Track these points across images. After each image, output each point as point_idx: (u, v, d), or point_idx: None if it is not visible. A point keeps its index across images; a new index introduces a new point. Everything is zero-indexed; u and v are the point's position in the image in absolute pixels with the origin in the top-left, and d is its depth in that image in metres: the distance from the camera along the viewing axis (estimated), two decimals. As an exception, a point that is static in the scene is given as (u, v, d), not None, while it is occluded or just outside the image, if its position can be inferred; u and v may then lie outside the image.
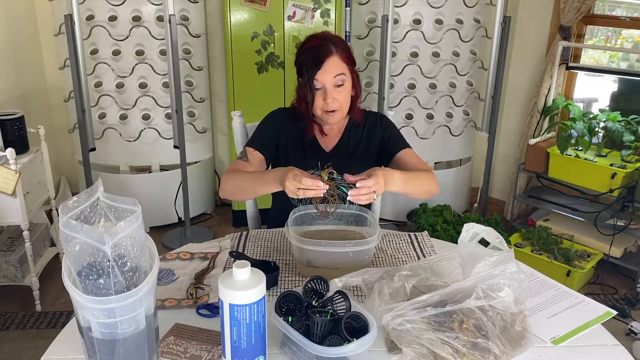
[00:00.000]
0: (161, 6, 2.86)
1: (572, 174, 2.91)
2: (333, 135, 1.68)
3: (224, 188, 1.52)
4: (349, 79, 1.55)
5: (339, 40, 1.55)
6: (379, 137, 1.67)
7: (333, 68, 1.50)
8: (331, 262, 1.29)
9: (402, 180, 1.39)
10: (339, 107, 1.54)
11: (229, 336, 0.92)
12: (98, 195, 0.90)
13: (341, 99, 1.53)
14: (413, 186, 1.45)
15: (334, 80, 1.51)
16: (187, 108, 3.19)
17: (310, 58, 1.51)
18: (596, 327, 1.15)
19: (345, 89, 1.54)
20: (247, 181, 1.49)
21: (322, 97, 1.52)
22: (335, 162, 1.61)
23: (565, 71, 3.26)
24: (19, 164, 2.31)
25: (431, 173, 1.53)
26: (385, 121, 1.70)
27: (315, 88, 1.52)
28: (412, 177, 1.46)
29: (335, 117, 1.56)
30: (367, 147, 1.67)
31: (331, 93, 1.51)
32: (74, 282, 0.84)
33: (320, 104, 1.53)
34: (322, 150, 1.66)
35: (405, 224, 3.39)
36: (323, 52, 1.50)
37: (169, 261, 1.40)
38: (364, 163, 1.65)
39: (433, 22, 3.08)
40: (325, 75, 1.50)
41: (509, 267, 1.05)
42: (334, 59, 1.50)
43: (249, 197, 1.64)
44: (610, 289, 2.80)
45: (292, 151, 1.66)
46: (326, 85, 1.51)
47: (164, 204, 3.29)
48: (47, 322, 2.45)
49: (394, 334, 1.01)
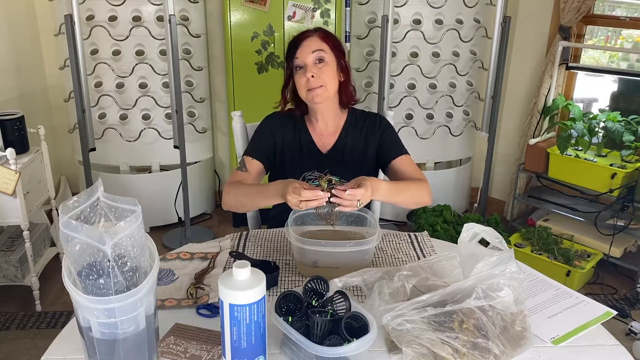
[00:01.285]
0: (161, 6, 2.86)
1: (572, 174, 2.91)
2: (329, 135, 1.66)
3: (227, 201, 1.55)
4: (332, 57, 1.56)
5: (322, 29, 1.60)
6: (377, 140, 1.66)
7: (312, 44, 1.54)
8: (331, 262, 1.29)
9: (388, 191, 1.41)
10: (321, 82, 1.53)
11: (229, 336, 0.92)
12: (98, 195, 0.90)
13: (323, 76, 1.53)
14: (399, 198, 1.47)
15: (313, 55, 1.53)
16: (187, 108, 3.19)
17: (292, 43, 1.57)
18: (596, 327, 1.15)
19: (327, 66, 1.54)
20: (249, 195, 1.51)
21: (304, 75, 1.53)
22: (332, 164, 1.61)
23: (565, 71, 3.26)
24: (19, 164, 2.31)
25: (424, 183, 1.53)
26: (384, 124, 1.69)
27: (297, 67, 1.55)
28: (400, 188, 1.49)
29: (321, 96, 1.55)
30: (365, 149, 1.66)
31: (311, 69, 1.52)
32: (74, 282, 0.84)
33: (303, 83, 1.54)
34: (318, 152, 1.66)
35: (405, 224, 3.39)
36: (302, 35, 1.57)
37: (169, 261, 1.40)
38: (362, 166, 1.65)
39: (433, 22, 3.08)
40: (303, 51, 1.53)
41: (509, 267, 1.05)
42: (313, 38, 1.55)
43: (251, 209, 1.69)
44: (610, 289, 2.80)
45: (289, 154, 1.65)
46: (306, 61, 1.53)
47: (164, 204, 3.29)
48: (47, 322, 2.45)
49: (394, 334, 1.01)
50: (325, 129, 1.66)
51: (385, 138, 1.66)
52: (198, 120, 3.29)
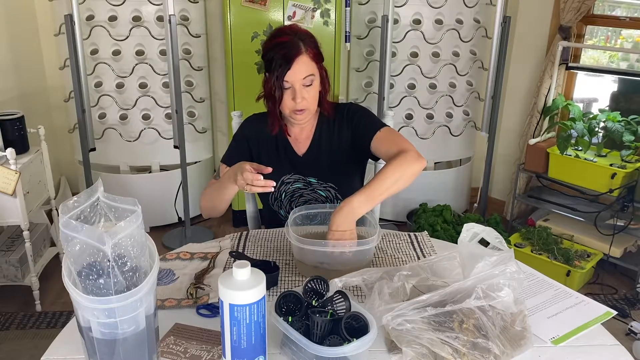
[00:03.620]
0: (161, 6, 2.86)
1: (572, 174, 2.91)
2: (305, 138, 1.63)
3: (201, 207, 1.58)
4: (318, 77, 1.52)
5: (308, 36, 1.50)
6: (349, 131, 1.60)
7: (302, 68, 1.46)
8: (331, 262, 1.29)
9: (365, 199, 1.30)
10: (307, 106, 1.50)
11: (229, 336, 0.92)
12: (98, 195, 0.90)
13: (309, 98, 1.50)
14: (385, 190, 1.33)
15: (303, 81, 1.47)
16: (187, 108, 3.19)
17: (280, 56, 1.45)
18: (596, 327, 1.15)
19: (313, 88, 1.51)
20: (214, 191, 1.52)
21: (291, 97, 1.48)
22: (309, 166, 1.61)
23: (565, 71, 3.26)
24: (19, 164, 2.31)
25: (405, 154, 1.37)
26: (352, 110, 1.61)
27: (284, 88, 1.48)
28: (377, 183, 1.33)
29: (303, 116, 1.53)
30: (339, 145, 1.61)
31: (300, 93, 1.47)
32: (74, 282, 0.84)
33: (289, 104, 1.50)
34: (295, 155, 1.63)
35: (405, 224, 3.39)
36: (293, 51, 1.45)
37: (169, 261, 1.40)
38: (342, 161, 1.62)
39: (433, 22, 3.08)
40: (295, 77, 1.46)
41: (509, 267, 1.05)
42: (304, 58, 1.46)
43: (221, 205, 1.54)
44: (610, 289, 2.80)
45: (266, 158, 1.62)
46: (295, 86, 1.47)
47: (164, 204, 3.29)
48: (47, 322, 2.45)
49: (394, 334, 1.01)
50: (300, 133, 1.64)
51: (356, 123, 1.58)
52: (198, 120, 3.29)
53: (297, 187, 1.63)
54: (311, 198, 1.63)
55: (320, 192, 1.63)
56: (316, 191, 1.63)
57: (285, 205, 1.65)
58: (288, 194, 1.63)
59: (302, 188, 1.63)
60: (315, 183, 1.62)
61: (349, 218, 1.29)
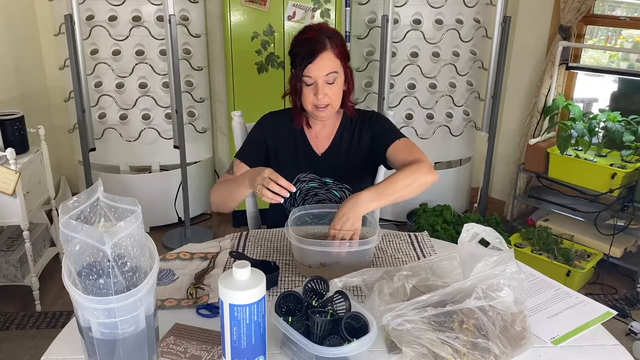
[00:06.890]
0: (161, 6, 2.86)
1: (572, 174, 2.91)
2: (325, 137, 1.64)
3: (212, 201, 1.57)
4: (342, 74, 1.51)
5: (334, 34, 1.51)
6: (369, 135, 1.62)
7: (326, 64, 1.46)
8: (331, 262, 1.29)
9: (375, 194, 1.32)
10: (329, 102, 1.50)
11: (229, 336, 0.92)
12: (98, 195, 0.90)
13: (332, 95, 1.50)
14: (396, 191, 1.34)
15: (326, 77, 1.47)
16: (187, 108, 3.19)
17: (304, 50, 1.47)
18: (596, 327, 1.15)
19: (337, 85, 1.50)
20: (227, 189, 1.51)
21: (313, 92, 1.49)
22: (327, 166, 1.61)
23: (565, 71, 3.26)
24: (19, 164, 2.31)
25: (420, 164, 1.40)
26: (375, 117, 1.64)
27: (306, 83, 1.49)
28: (387, 184, 1.35)
29: (326, 113, 1.53)
30: (358, 147, 1.63)
31: (322, 89, 1.48)
32: (74, 282, 0.84)
33: (311, 99, 1.50)
34: (314, 154, 1.64)
35: (405, 224, 3.39)
36: (317, 47, 1.46)
37: (169, 261, 1.40)
38: (358, 165, 1.63)
39: (433, 22, 3.08)
40: (318, 72, 1.47)
41: (509, 267, 1.05)
42: (328, 54, 1.46)
43: (232, 204, 1.53)
44: (610, 289, 2.80)
45: (284, 156, 1.63)
46: (317, 81, 1.48)
47: (164, 204, 3.29)
48: (47, 322, 2.45)
49: (394, 334, 1.01)
50: (322, 131, 1.64)
51: (376, 131, 1.60)
52: (198, 120, 3.29)
53: (312, 187, 1.63)
54: (325, 198, 1.63)
55: (335, 192, 1.63)
56: (331, 191, 1.63)
57: (299, 204, 1.64)
58: (302, 192, 1.63)
59: (317, 187, 1.63)
60: (330, 183, 1.62)
61: (355, 208, 1.29)
